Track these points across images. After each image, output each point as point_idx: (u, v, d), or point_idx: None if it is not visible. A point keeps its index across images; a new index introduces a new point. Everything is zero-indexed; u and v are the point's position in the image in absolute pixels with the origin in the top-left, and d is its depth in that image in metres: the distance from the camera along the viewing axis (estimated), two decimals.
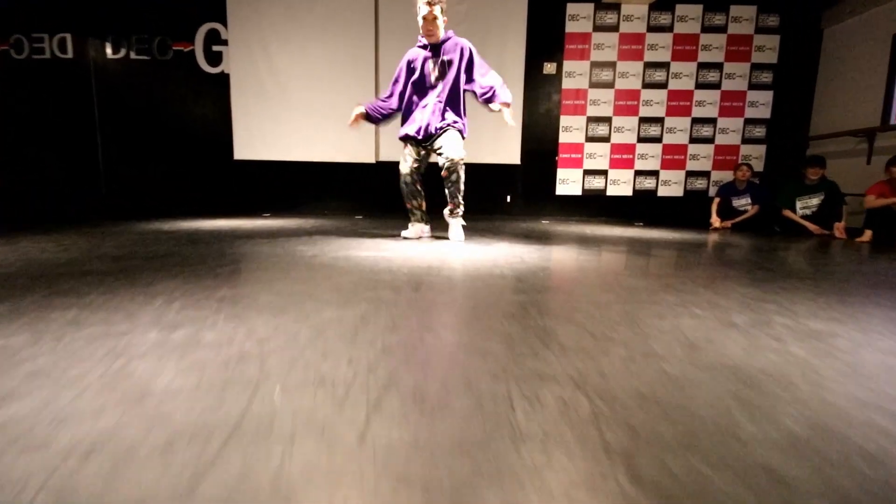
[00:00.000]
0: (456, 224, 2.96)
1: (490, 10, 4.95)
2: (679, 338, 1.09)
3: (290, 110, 5.13)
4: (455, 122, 2.85)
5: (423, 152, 2.93)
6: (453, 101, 2.85)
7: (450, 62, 2.79)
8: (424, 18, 2.72)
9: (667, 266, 2.21)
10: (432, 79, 2.80)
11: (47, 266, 1.83)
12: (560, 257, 2.34)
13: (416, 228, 3.02)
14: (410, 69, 2.87)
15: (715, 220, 4.66)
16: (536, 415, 0.73)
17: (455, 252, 2.42)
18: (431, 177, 3.16)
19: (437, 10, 2.73)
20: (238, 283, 1.61)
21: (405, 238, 2.93)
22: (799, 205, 4.31)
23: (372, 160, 5.20)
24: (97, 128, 5.22)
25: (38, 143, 5.21)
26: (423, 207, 3.04)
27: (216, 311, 1.24)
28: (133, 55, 5.12)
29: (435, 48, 2.82)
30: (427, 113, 2.82)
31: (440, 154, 2.84)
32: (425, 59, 2.82)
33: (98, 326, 1.09)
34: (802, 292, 1.65)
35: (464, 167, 2.87)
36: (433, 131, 2.83)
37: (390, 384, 0.83)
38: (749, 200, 4.77)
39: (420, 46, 2.88)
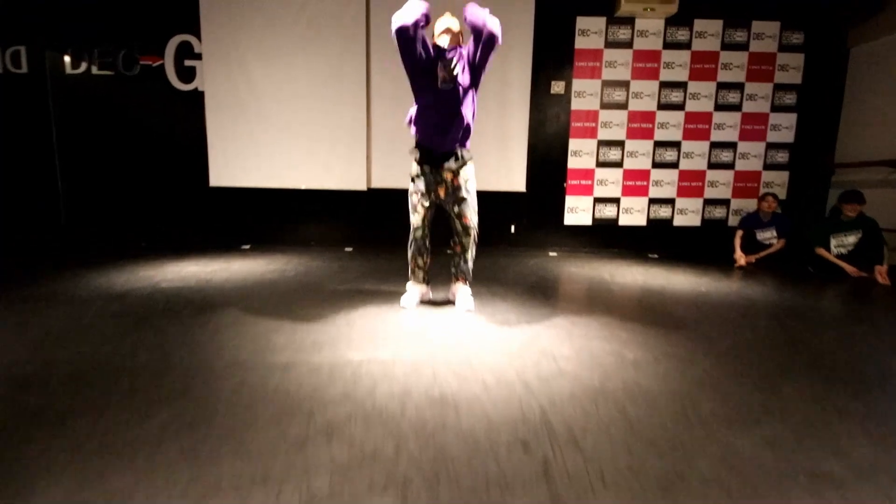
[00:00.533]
0: (465, 292, 2.55)
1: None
2: None
3: (272, 132, 4.64)
4: (466, 154, 2.46)
5: (433, 197, 2.47)
6: (464, 117, 2.40)
7: (457, 64, 2.38)
8: (450, 32, 2.43)
9: (742, 374, 1.80)
10: (442, 83, 2.36)
11: None
12: (600, 356, 1.91)
13: (418, 292, 2.59)
14: (420, 71, 2.42)
15: (739, 257, 4.28)
16: None
17: (469, 346, 1.98)
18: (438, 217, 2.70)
19: (454, 24, 2.49)
20: (162, 475, 1.13)
21: (404, 308, 2.47)
22: (834, 243, 3.94)
23: (363, 187, 4.73)
24: (55, 151, 4.68)
25: None
26: (429, 264, 2.61)
27: None
28: (95, 70, 4.58)
29: (443, 51, 2.45)
30: (440, 128, 2.39)
31: (457, 217, 2.48)
32: (439, 61, 2.40)
33: None
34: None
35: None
36: (448, 150, 2.42)
37: None
38: (774, 233, 4.40)
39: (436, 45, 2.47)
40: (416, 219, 2.51)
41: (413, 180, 2.49)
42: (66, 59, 4.57)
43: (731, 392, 1.54)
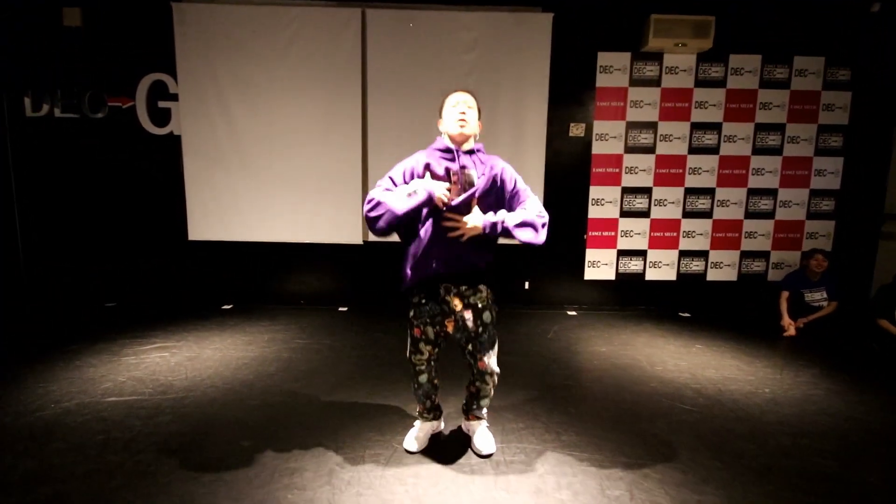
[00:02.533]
0: (482, 432, 1.98)
1: (504, 61, 4.01)
2: None
3: (258, 180, 4.12)
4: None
5: (438, 329, 1.85)
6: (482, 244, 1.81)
7: (484, 185, 1.77)
8: (465, 105, 1.81)
9: None
10: (456, 196, 1.74)
11: None
12: None
13: (426, 429, 2.01)
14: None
15: (788, 325, 3.76)
16: None
17: None
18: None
19: (470, 100, 1.84)
20: None
21: (408, 450, 1.92)
22: None
23: (359, 241, 4.21)
24: (14, 201, 4.16)
25: None
26: (437, 400, 2.03)
27: None
28: (58, 112, 4.09)
29: (464, 156, 1.82)
30: (463, 247, 1.76)
31: (470, 353, 1.84)
32: (449, 171, 1.79)
33: None
34: None
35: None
36: (454, 270, 1.78)
37: None
38: (825, 295, 3.88)
39: (437, 150, 1.86)
40: (419, 359, 1.87)
41: (413, 312, 1.86)
42: (27, 100, 4.07)
43: None
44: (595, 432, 2.10)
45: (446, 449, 1.94)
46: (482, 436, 1.95)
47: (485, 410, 2.00)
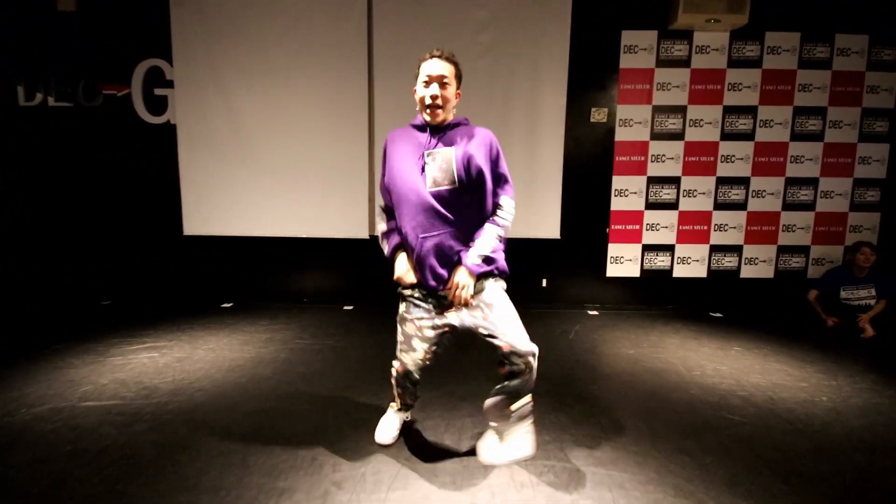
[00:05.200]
0: (522, 430, 1.56)
1: (520, 42, 3.73)
2: None
3: (258, 171, 3.89)
4: (487, 259, 1.56)
5: (438, 325, 1.62)
6: (474, 217, 1.60)
7: (461, 158, 1.55)
8: (434, 80, 1.54)
9: None
10: (432, 185, 1.54)
11: None
12: None
13: (397, 422, 1.84)
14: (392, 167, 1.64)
15: (829, 320, 3.47)
16: None
17: None
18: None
19: (447, 68, 1.56)
20: None
21: (380, 443, 1.76)
22: None
23: (365, 235, 3.95)
24: (3, 192, 3.98)
25: None
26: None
27: None
28: (52, 101, 3.90)
29: (437, 130, 1.60)
30: (446, 238, 1.55)
31: (492, 335, 1.54)
32: (421, 150, 1.58)
33: None
34: None
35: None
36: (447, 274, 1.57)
37: None
38: (872, 293, 3.54)
39: (414, 126, 1.64)
40: (410, 357, 1.65)
41: (406, 306, 1.67)
42: (19, 89, 3.89)
43: None
44: (633, 448, 1.80)
45: (458, 467, 1.66)
46: (523, 437, 1.54)
47: (513, 407, 1.57)
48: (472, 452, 1.74)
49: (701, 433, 1.93)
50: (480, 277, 1.58)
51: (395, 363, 1.74)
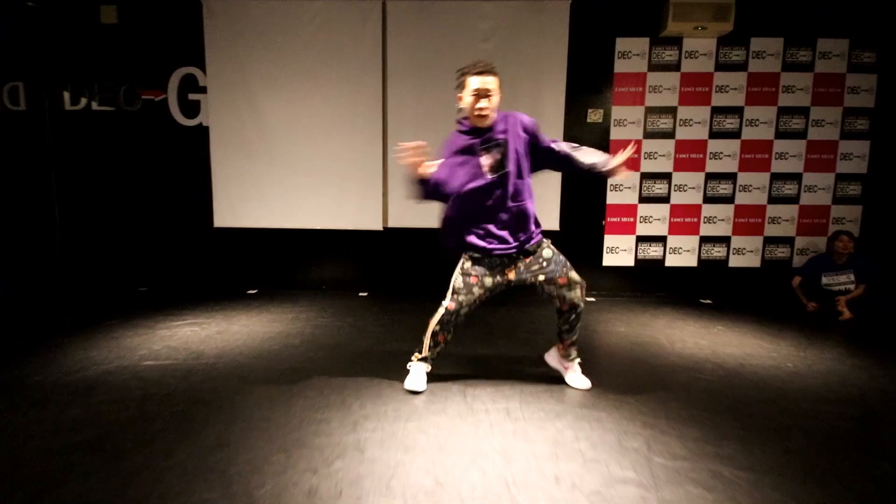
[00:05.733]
0: (576, 368, 2.28)
1: (522, 49, 4.06)
2: None
3: (281, 169, 4.26)
4: (537, 231, 2.13)
5: (498, 279, 2.08)
6: (525, 196, 2.08)
7: (513, 146, 1.98)
8: (484, 95, 1.92)
9: None
10: (490, 171, 1.98)
11: None
12: None
13: (423, 371, 2.19)
14: (456, 160, 2.04)
15: (810, 304, 3.75)
16: None
17: (506, 496, 1.48)
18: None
19: (493, 81, 1.94)
20: None
21: (412, 390, 2.12)
22: None
23: (379, 227, 4.29)
24: (53, 190, 4.38)
25: None
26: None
27: None
28: (95, 106, 4.30)
29: (485, 131, 1.99)
30: (507, 216, 2.03)
31: (551, 281, 2.07)
32: (476, 147, 1.99)
33: None
34: None
35: None
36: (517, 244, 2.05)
37: None
38: (852, 278, 3.81)
39: (463, 131, 2.04)
40: (465, 298, 2.08)
41: (472, 263, 2.10)
42: (66, 94, 4.30)
43: None
44: (613, 396, 2.12)
45: (463, 406, 1.99)
46: (577, 372, 2.25)
47: (576, 350, 2.26)
48: (474, 396, 2.06)
49: (672, 387, 2.24)
50: (528, 245, 2.05)
51: (446, 303, 2.12)
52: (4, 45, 4.21)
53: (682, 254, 4.37)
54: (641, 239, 4.36)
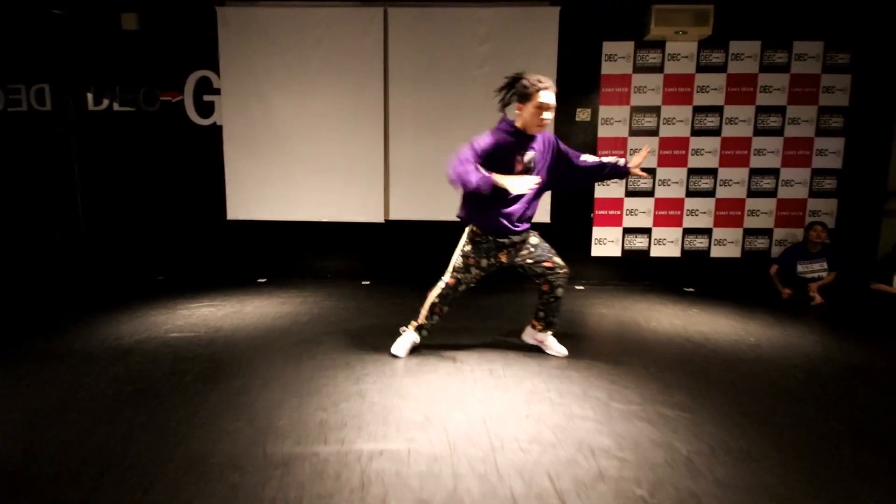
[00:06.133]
0: (553, 339, 2.56)
1: (515, 52, 4.34)
2: None
3: (289, 165, 4.55)
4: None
5: (492, 261, 2.39)
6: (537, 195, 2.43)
7: (544, 155, 2.38)
8: (550, 110, 2.22)
9: (818, 488, 1.51)
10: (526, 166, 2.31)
11: None
12: (642, 442, 1.66)
13: (411, 340, 2.48)
14: (501, 157, 2.30)
15: (785, 292, 4.00)
16: None
17: (489, 429, 1.75)
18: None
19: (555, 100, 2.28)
20: None
21: (395, 356, 2.41)
22: None
23: (380, 219, 4.58)
24: (77, 185, 4.70)
25: (11, 204, 4.71)
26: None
27: None
28: (117, 106, 4.61)
29: (527, 138, 2.30)
30: (529, 206, 2.38)
31: (539, 263, 2.37)
32: (520, 149, 2.30)
33: None
34: None
35: None
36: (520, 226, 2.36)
37: None
38: (825, 266, 4.06)
39: (510, 134, 2.29)
40: (461, 277, 2.39)
41: (472, 247, 2.38)
42: (89, 95, 4.61)
43: None
44: (586, 361, 2.39)
45: (452, 367, 2.27)
46: (555, 341, 2.53)
47: (550, 328, 2.54)
48: (462, 360, 2.34)
49: (640, 355, 2.51)
50: (524, 232, 2.36)
51: (445, 279, 2.43)
52: (32, 50, 4.53)
53: (667, 245, 4.63)
54: (628, 231, 4.62)
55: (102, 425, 1.69)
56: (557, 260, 2.42)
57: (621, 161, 2.38)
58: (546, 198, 4.50)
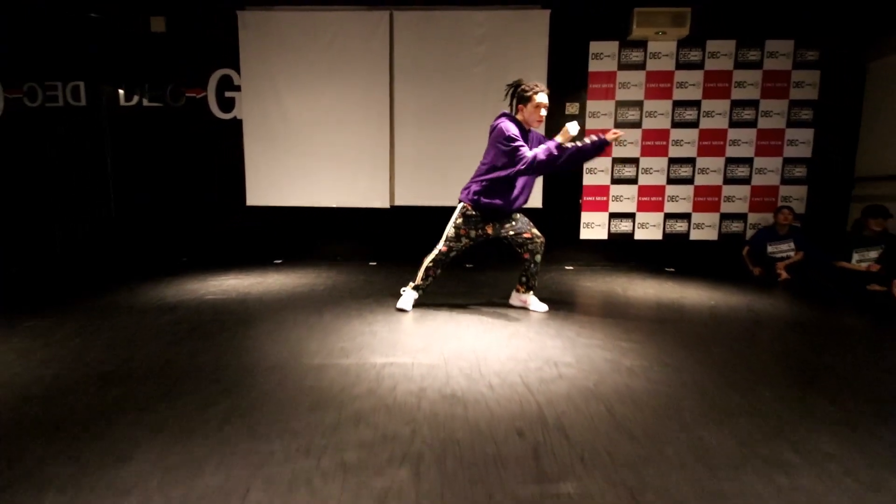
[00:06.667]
0: (534, 298, 2.99)
1: (509, 51, 4.76)
2: None
3: (303, 155, 4.99)
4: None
5: (479, 232, 2.82)
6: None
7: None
8: (545, 108, 2.70)
9: (729, 383, 1.92)
10: None
11: (16, 405, 1.59)
12: (598, 363, 2.07)
13: (413, 297, 2.93)
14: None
15: (756, 270, 4.39)
16: None
17: (477, 353, 2.17)
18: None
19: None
20: (227, 452, 1.30)
21: (402, 310, 2.84)
22: (856, 258, 3.98)
23: (387, 205, 5.01)
24: (109, 174, 5.15)
25: (50, 192, 5.17)
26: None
27: None
28: (146, 102, 5.05)
29: (526, 132, 2.79)
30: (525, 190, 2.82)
31: (519, 234, 2.81)
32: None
33: None
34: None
35: None
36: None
37: None
38: (792, 246, 4.45)
39: (515, 124, 2.74)
40: (453, 245, 2.83)
41: (463, 220, 2.81)
42: (120, 92, 5.06)
43: (712, 395, 1.68)
44: (563, 314, 2.81)
45: (449, 318, 2.69)
46: (536, 300, 2.94)
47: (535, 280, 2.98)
48: (458, 314, 2.76)
49: (612, 311, 2.92)
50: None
51: (440, 246, 2.86)
52: (69, 50, 4.98)
53: (649, 228, 5.03)
54: (613, 215, 5.03)
55: (172, 348, 2.12)
56: (535, 231, 2.87)
57: (592, 137, 2.71)
58: (538, 186, 4.91)
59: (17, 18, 4.95)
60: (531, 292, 2.96)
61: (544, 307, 2.91)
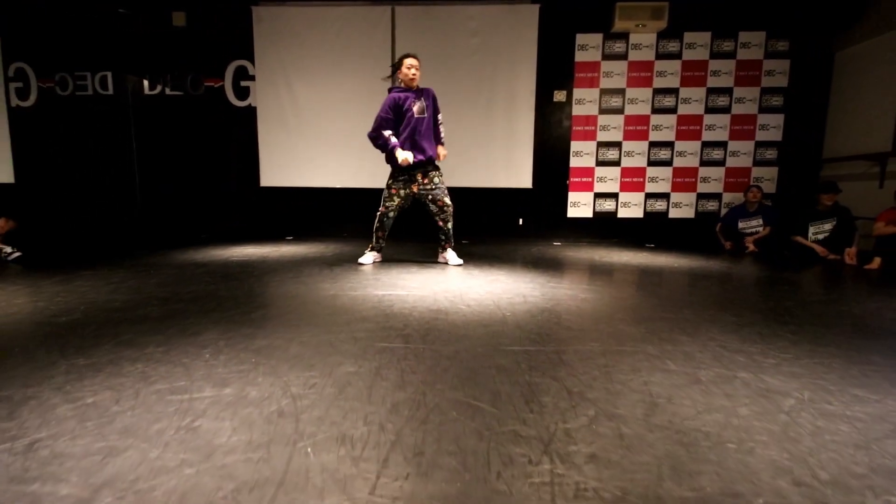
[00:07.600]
0: (452, 253, 3.55)
1: (501, 42, 5.18)
2: (644, 397, 1.28)
3: (312, 140, 5.44)
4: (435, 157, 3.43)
5: (407, 191, 3.36)
6: (435, 133, 3.42)
7: (428, 104, 3.35)
8: (414, 67, 3.28)
9: (661, 307, 2.37)
10: (418, 113, 3.31)
11: (105, 311, 2.10)
12: (559, 296, 2.52)
13: (372, 256, 3.54)
14: (401, 110, 3.32)
15: (727, 244, 4.80)
16: (506, 474, 0.94)
17: (461, 289, 2.64)
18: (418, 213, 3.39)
19: (418, 63, 3.37)
20: (270, 331, 1.83)
21: (362, 264, 3.43)
22: (812, 230, 4.38)
23: None
24: (134, 157, 5.63)
25: (80, 175, 5.66)
26: (383, 242, 3.64)
27: (255, 364, 1.48)
28: (168, 91, 5.52)
29: (416, 92, 3.33)
30: (425, 141, 3.33)
31: (433, 202, 3.35)
32: (411, 100, 3.30)
33: (163, 382, 1.35)
34: (779, 340, 1.81)
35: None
36: (428, 157, 3.34)
37: (397, 442, 1.05)
38: (761, 222, 4.85)
39: (401, 91, 3.33)
40: (390, 205, 3.41)
41: (392, 180, 3.41)
42: (145, 82, 5.53)
43: (643, 312, 2.13)
44: (541, 270, 3.26)
45: (417, 271, 3.15)
46: (453, 255, 3.39)
47: (451, 235, 3.50)
48: (449, 267, 3.22)
49: (588, 272, 3.36)
50: (434, 169, 3.32)
51: (381, 208, 3.42)
52: (98, 42, 5.45)
53: (631, 207, 5.46)
54: (598, 195, 5.46)
55: (211, 286, 2.60)
56: (447, 200, 3.42)
57: (398, 150, 3.27)
58: (528, 166, 5.35)
59: (50, 13, 5.41)
60: (448, 250, 3.55)
61: (459, 260, 3.50)
